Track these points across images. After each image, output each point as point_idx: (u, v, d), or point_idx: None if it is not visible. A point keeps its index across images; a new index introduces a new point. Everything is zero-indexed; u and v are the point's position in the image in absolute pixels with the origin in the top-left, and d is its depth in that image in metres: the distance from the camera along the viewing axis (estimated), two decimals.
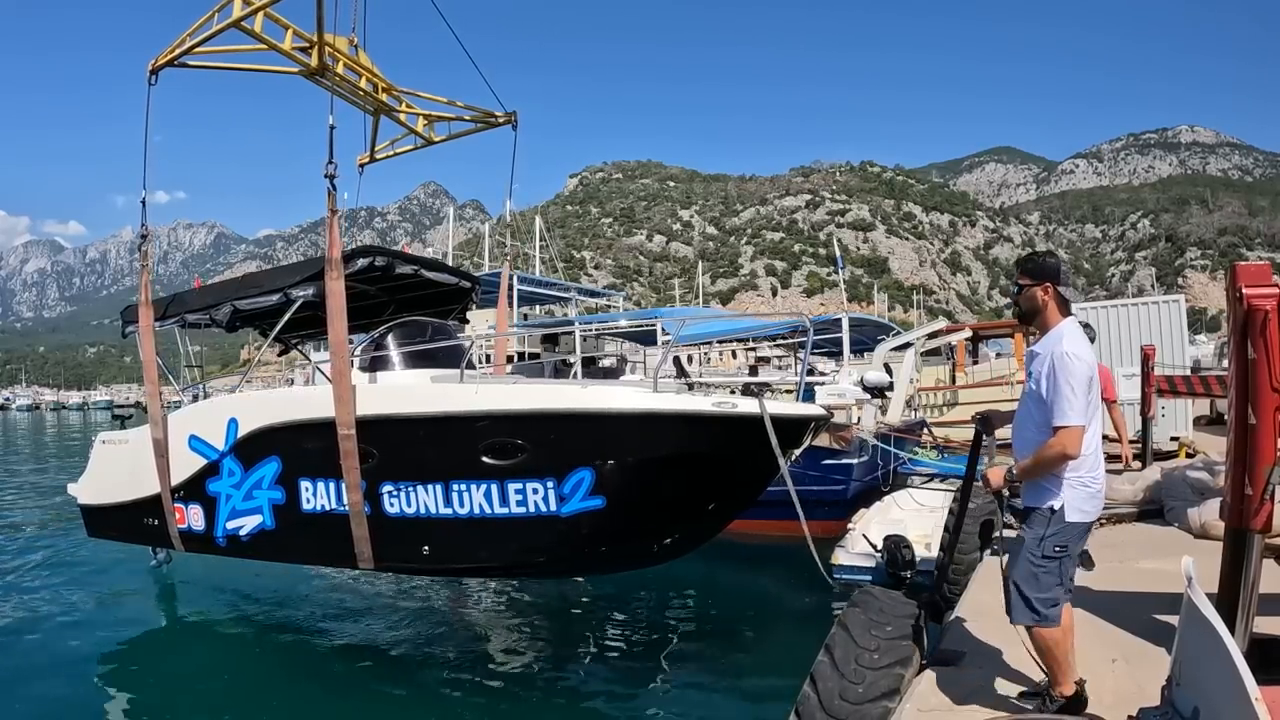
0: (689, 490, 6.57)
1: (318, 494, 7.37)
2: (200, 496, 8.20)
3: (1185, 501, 8.08)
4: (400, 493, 6.93)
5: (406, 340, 7.96)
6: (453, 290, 9.69)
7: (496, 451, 6.49)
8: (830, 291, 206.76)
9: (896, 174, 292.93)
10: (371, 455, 6.95)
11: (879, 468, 12.94)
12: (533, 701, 7.10)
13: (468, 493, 6.66)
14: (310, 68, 8.00)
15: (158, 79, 8.45)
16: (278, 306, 8.23)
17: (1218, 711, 2.70)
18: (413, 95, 9.91)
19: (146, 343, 8.79)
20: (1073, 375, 3.59)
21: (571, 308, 26.98)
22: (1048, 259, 3.97)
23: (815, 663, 4.19)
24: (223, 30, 7.74)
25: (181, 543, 8.59)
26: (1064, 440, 3.61)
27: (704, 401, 6.14)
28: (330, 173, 7.16)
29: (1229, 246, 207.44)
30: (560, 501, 6.40)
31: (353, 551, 7.18)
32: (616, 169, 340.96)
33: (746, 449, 6.12)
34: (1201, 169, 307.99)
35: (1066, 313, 3.86)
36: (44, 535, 14.85)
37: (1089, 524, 3.81)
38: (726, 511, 7.09)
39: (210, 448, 8.03)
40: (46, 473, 27.79)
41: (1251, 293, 3.42)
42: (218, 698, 7.51)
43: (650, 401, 6.15)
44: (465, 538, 6.80)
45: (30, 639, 9.00)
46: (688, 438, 6.16)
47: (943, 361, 23.73)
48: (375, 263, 7.89)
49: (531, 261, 33.59)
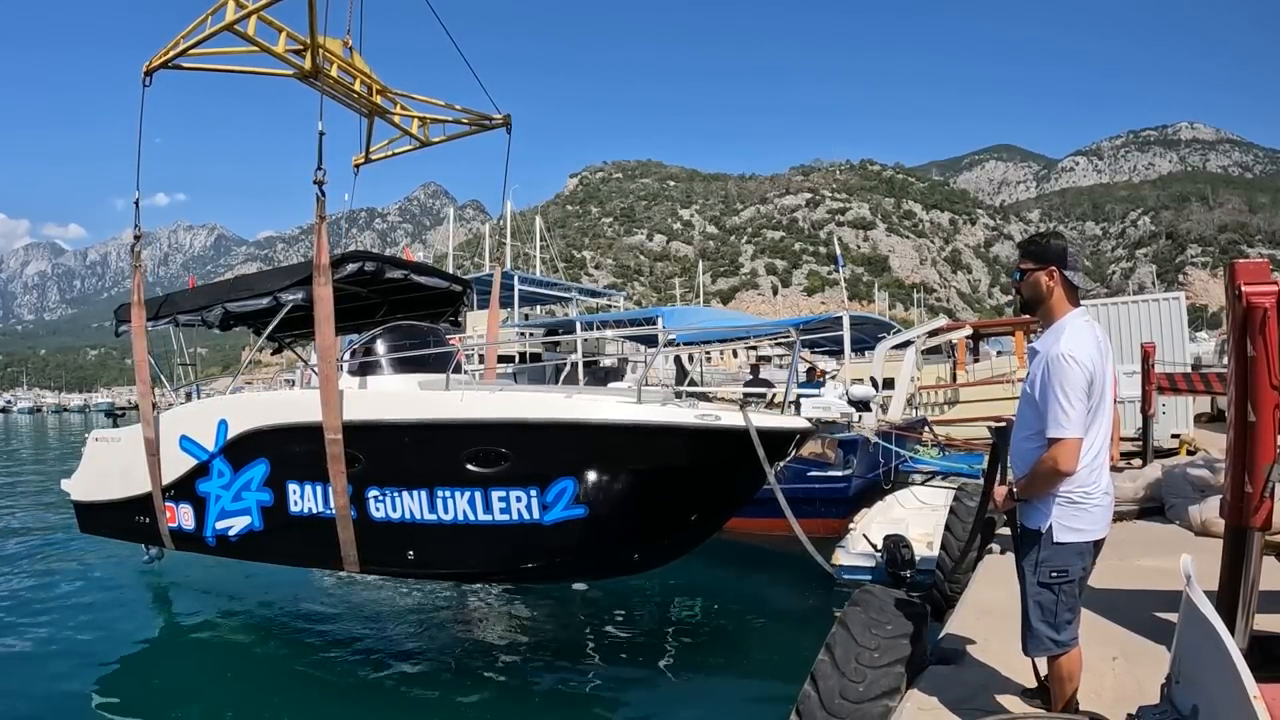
0: (672, 501, 6.63)
1: (305, 497, 7.42)
2: (190, 496, 8.25)
3: (1186, 499, 8.08)
4: (386, 498, 7.00)
5: (396, 345, 7.99)
6: (444, 293, 9.75)
7: (480, 459, 6.55)
8: (831, 290, 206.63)
9: (896, 172, 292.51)
10: (358, 460, 7.00)
11: (880, 466, 12.94)
12: (533, 700, 7.11)
13: (452, 499, 6.73)
14: (304, 70, 8.01)
15: (152, 80, 8.46)
16: (268, 309, 8.26)
17: (1217, 709, 2.70)
18: (407, 97, 9.92)
19: (139, 343, 8.81)
20: (1068, 381, 3.30)
21: (572, 308, 26.96)
22: (1052, 240, 3.60)
23: (816, 661, 4.19)
24: (216, 33, 7.75)
25: (172, 541, 8.64)
26: (1056, 454, 3.32)
27: (687, 414, 6.17)
28: (319, 179, 7.17)
29: (1229, 243, 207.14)
30: (543, 510, 6.46)
31: (339, 555, 7.24)
32: (617, 168, 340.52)
33: (730, 460, 6.19)
34: (1202, 166, 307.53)
35: (1075, 302, 3.54)
36: (39, 536, 14.85)
37: (1088, 544, 3.48)
38: (711, 521, 7.17)
39: (200, 448, 8.07)
40: (49, 476, 27.80)
41: (1251, 290, 3.41)
42: (214, 694, 7.53)
43: (633, 413, 6.19)
44: (450, 543, 6.87)
45: (25, 637, 9.04)
46: (671, 450, 6.20)
47: (943, 360, 23.74)
48: (364, 268, 7.93)
49: (532, 262, 33.55)
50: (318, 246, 7.16)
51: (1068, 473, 3.33)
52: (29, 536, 15.11)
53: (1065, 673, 3.55)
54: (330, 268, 7.20)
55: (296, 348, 11.49)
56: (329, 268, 7.17)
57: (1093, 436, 3.42)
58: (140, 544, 9.69)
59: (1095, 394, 3.37)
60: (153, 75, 8.40)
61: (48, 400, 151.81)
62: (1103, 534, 3.51)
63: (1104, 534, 3.52)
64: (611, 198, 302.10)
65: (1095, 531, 3.47)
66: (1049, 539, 3.43)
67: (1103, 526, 3.49)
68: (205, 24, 7.85)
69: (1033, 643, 3.53)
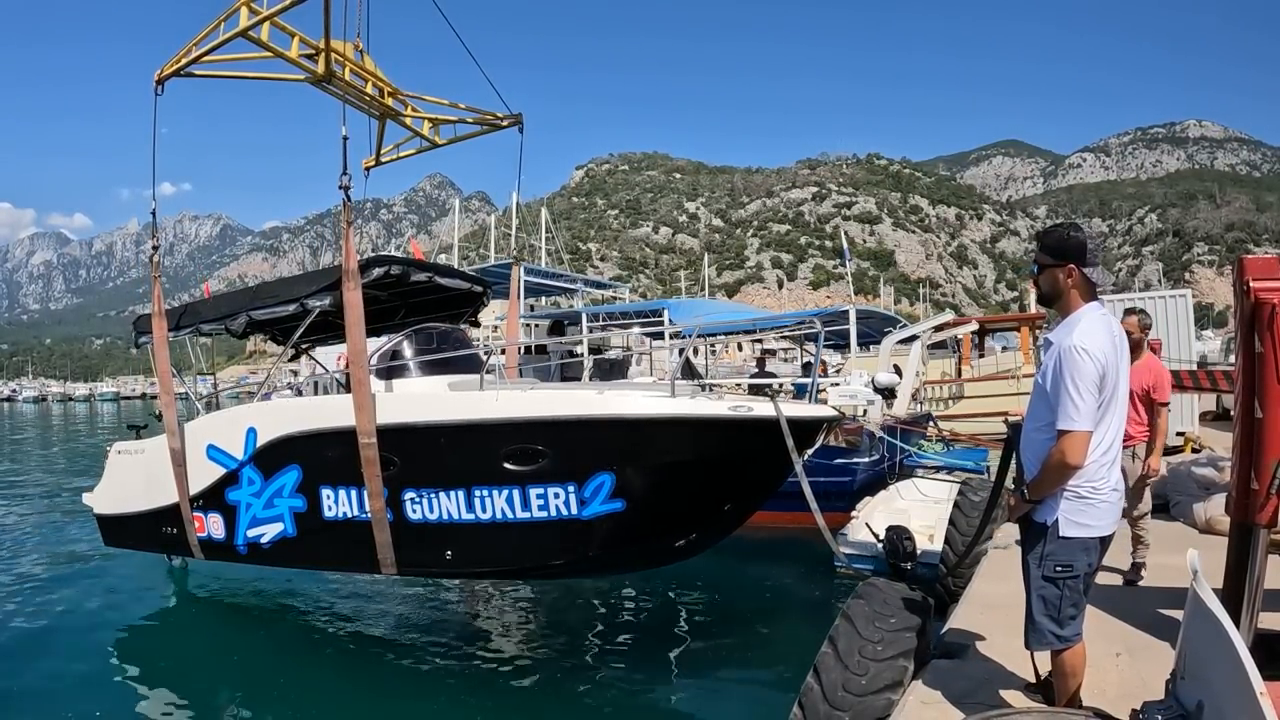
0: (706, 491, 6.66)
1: (339, 501, 7.43)
2: (220, 505, 8.27)
3: (1190, 496, 8.07)
4: (423, 499, 7.01)
5: (422, 347, 8.00)
6: (464, 294, 9.77)
7: (518, 458, 6.57)
8: (836, 284, 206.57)
9: (903, 167, 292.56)
10: (393, 463, 7.02)
11: (885, 460, 12.94)
12: (536, 688, 7.12)
13: (490, 498, 6.75)
14: (317, 75, 7.99)
15: (164, 89, 8.43)
16: (294, 315, 8.27)
17: (1222, 706, 2.69)
18: (418, 99, 9.91)
19: (161, 354, 8.84)
20: (1079, 373, 3.21)
21: (578, 299, 26.90)
22: (1071, 234, 3.43)
23: (819, 654, 4.19)
24: (229, 40, 7.72)
25: (201, 551, 8.66)
26: (1065, 447, 3.25)
27: (720, 406, 6.21)
28: (345, 184, 7.17)
29: (1236, 242, 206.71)
30: (581, 505, 6.50)
31: (376, 557, 7.26)
32: (623, 160, 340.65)
33: (761, 450, 6.20)
34: (1209, 164, 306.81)
35: (1093, 296, 3.41)
36: (50, 524, 14.93)
37: (1095, 539, 3.40)
38: (743, 510, 7.18)
39: (229, 457, 8.09)
40: (56, 464, 27.94)
41: (1259, 286, 3.39)
42: (227, 676, 7.60)
43: (668, 407, 6.22)
44: (488, 541, 6.88)
45: (40, 622, 9.10)
46: (705, 442, 6.24)
47: (949, 355, 23.71)
48: (391, 271, 7.97)
49: (537, 253, 33.50)
50: (346, 251, 7.15)
51: (1076, 466, 3.26)
52: (36, 523, 15.19)
53: (1068, 668, 3.52)
54: (359, 272, 7.23)
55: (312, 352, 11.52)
56: (358, 272, 7.19)
57: (1103, 431, 3.35)
58: (166, 554, 9.67)
59: (1108, 388, 3.30)
60: (164, 84, 8.39)
61: (53, 389, 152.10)
62: (1110, 530, 3.45)
63: (1111, 530, 3.45)
64: (617, 190, 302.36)
65: (1102, 528, 3.41)
66: (1055, 533, 3.38)
67: (1110, 523, 3.43)
68: (218, 30, 7.82)
69: (1035, 636, 3.50)
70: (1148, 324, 6.20)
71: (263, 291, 8.92)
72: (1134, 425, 6.08)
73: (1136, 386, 6.00)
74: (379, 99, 9.14)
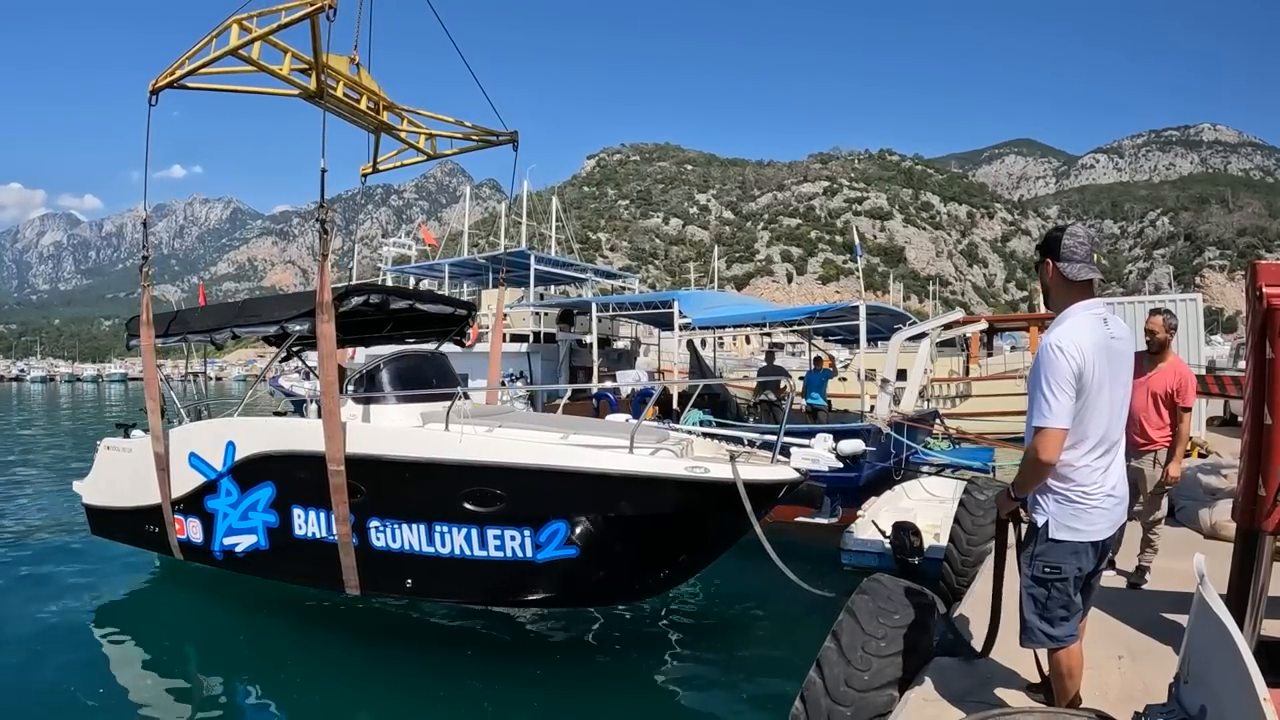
0: (661, 544, 6.90)
1: (309, 521, 7.68)
2: (199, 511, 8.52)
3: (1196, 501, 8.06)
4: (386, 529, 7.27)
5: (399, 374, 8.13)
6: (448, 316, 10.09)
7: (477, 499, 6.79)
8: (846, 279, 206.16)
9: (915, 163, 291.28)
10: (360, 491, 7.23)
11: (891, 457, 12.94)
12: (536, 687, 7.10)
13: (449, 534, 7.00)
14: (308, 91, 8.07)
15: (158, 99, 8.51)
16: (276, 335, 8.49)
17: (1225, 711, 2.70)
18: (414, 113, 9.93)
19: (148, 360, 8.97)
20: (1052, 370, 3.22)
21: (587, 289, 26.86)
22: (1053, 230, 3.49)
23: (822, 648, 4.21)
24: (220, 57, 7.79)
25: (181, 552, 8.90)
26: (1037, 444, 3.26)
27: (677, 465, 6.37)
28: (322, 216, 7.28)
29: (1248, 247, 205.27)
30: (536, 549, 6.74)
31: (341, 578, 7.49)
32: (634, 151, 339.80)
33: (717, 510, 6.39)
34: (1223, 168, 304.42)
35: (1081, 295, 3.39)
36: (50, 519, 15.00)
37: (1086, 544, 3.38)
38: (699, 561, 7.46)
39: (209, 467, 8.31)
40: (63, 448, 28.07)
41: (1272, 291, 3.38)
42: (225, 663, 7.62)
43: (624, 464, 6.38)
44: (446, 574, 7.14)
45: (40, 608, 9.13)
46: (660, 499, 6.39)
47: (957, 353, 23.67)
48: (370, 300, 8.19)
49: (547, 242, 33.45)
50: (320, 283, 7.29)
51: (1049, 462, 3.27)
52: (38, 508, 15.24)
53: (1064, 668, 3.54)
54: (334, 304, 7.36)
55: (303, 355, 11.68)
56: (332, 305, 7.30)
57: (1084, 430, 3.32)
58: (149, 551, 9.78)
59: (1090, 386, 3.27)
60: (159, 94, 8.46)
61: (61, 370, 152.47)
62: (1105, 535, 3.41)
63: (1107, 535, 3.42)
64: (628, 180, 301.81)
65: (1095, 533, 3.38)
66: (1045, 534, 3.41)
67: (1105, 528, 3.40)
68: (209, 46, 7.86)
69: (1027, 634, 3.52)
70: (1173, 325, 6.10)
71: (247, 309, 9.12)
72: (1155, 429, 5.99)
73: (1160, 389, 5.93)
74: (374, 114, 9.17)
